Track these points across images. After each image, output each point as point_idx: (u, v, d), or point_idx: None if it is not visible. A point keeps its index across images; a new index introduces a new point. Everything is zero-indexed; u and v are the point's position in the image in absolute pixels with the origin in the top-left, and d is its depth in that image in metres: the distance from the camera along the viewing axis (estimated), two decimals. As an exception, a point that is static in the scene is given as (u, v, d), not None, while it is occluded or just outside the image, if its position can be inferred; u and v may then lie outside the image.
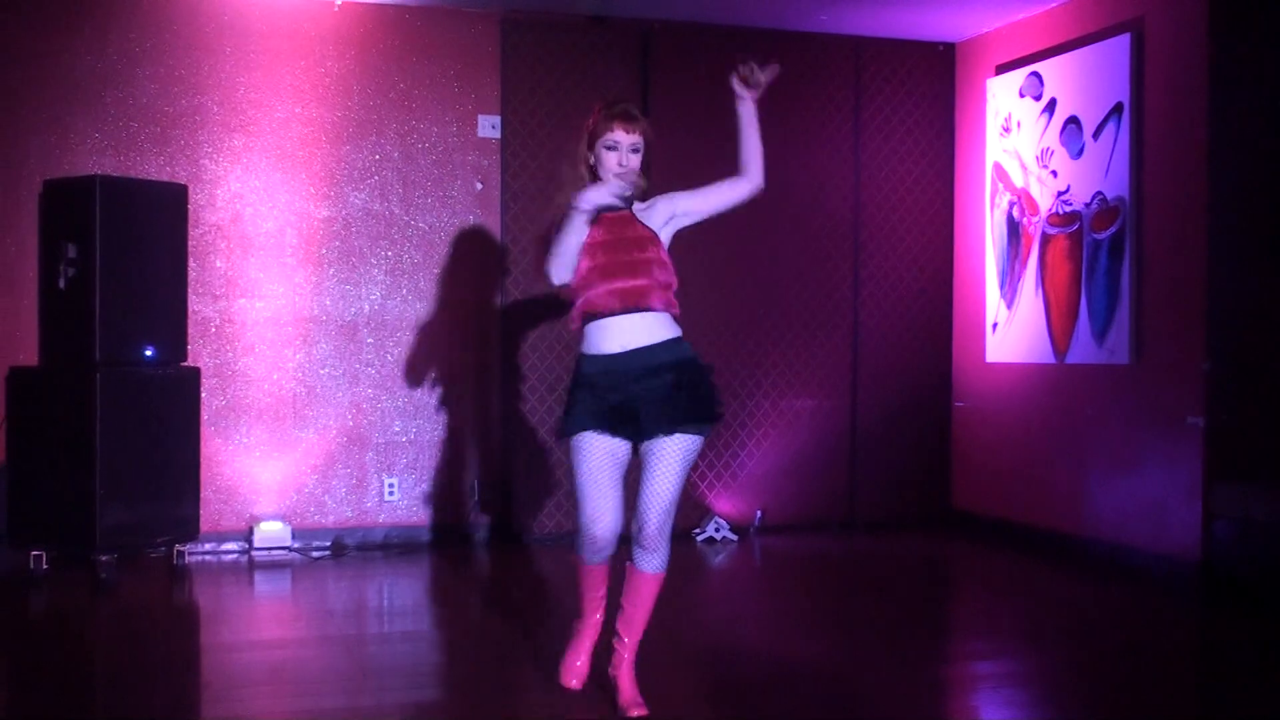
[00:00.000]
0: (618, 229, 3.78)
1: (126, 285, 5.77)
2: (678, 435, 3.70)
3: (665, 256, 3.79)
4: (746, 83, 3.85)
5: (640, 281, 3.72)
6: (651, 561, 3.78)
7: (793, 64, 7.29)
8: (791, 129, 7.26)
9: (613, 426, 3.72)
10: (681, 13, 6.92)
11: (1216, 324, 5.80)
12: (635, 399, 3.69)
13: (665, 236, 3.86)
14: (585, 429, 3.72)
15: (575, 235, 3.68)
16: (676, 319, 3.83)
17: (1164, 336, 6.05)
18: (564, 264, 3.70)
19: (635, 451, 3.80)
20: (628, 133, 3.75)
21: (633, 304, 3.72)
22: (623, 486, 3.79)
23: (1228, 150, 5.82)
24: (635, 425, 3.71)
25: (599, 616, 3.99)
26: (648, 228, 3.82)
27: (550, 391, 6.84)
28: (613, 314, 3.72)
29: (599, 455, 3.73)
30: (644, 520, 3.73)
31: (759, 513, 7.22)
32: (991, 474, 7.25)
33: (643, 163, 3.80)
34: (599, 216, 3.76)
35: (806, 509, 7.34)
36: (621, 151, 3.75)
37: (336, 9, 6.66)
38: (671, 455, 3.70)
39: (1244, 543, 5.59)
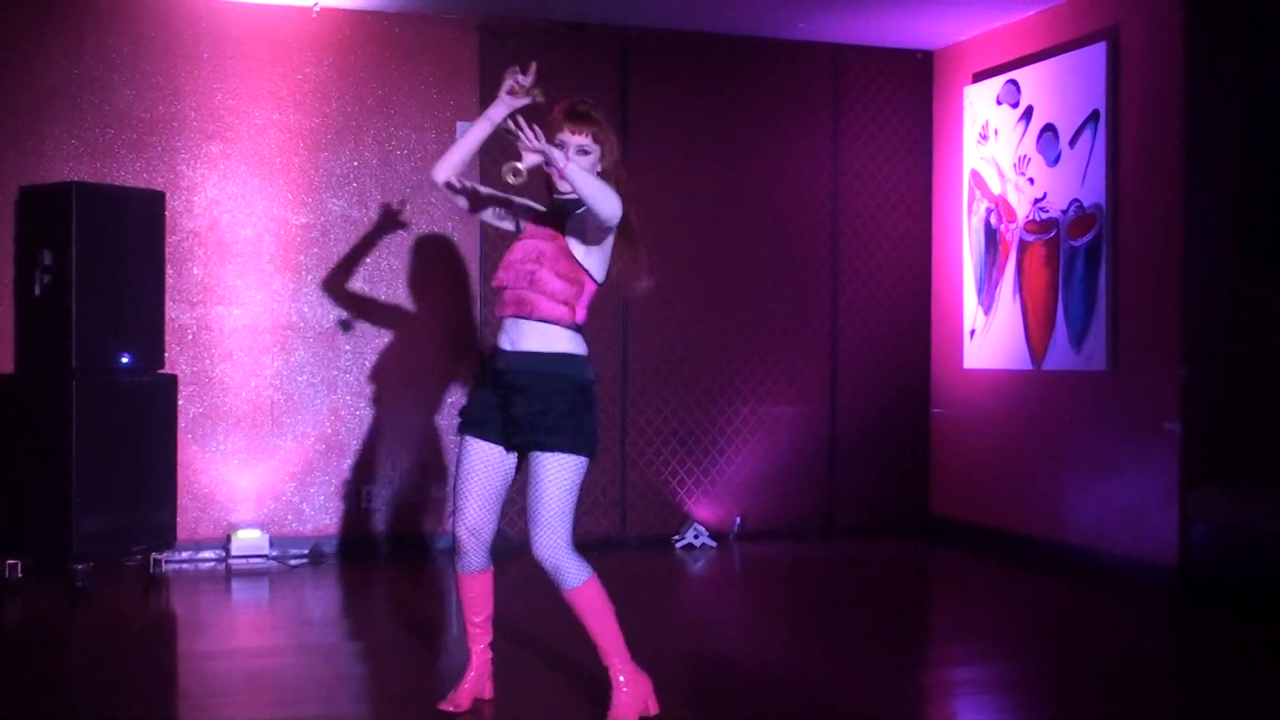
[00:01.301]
0: (535, 234, 3.74)
1: (103, 292, 5.74)
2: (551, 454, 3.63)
3: (566, 267, 3.64)
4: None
5: (525, 291, 3.65)
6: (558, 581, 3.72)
7: (771, 72, 7.32)
8: (770, 136, 7.28)
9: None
10: (660, 20, 6.93)
11: (1193, 330, 5.83)
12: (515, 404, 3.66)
13: (594, 244, 3.68)
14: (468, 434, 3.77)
15: (469, 143, 3.82)
16: (578, 329, 3.71)
17: (1140, 343, 6.09)
18: (445, 165, 3.84)
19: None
20: (574, 133, 3.65)
21: (523, 311, 3.66)
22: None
23: (1203, 158, 5.86)
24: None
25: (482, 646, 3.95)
26: (560, 237, 3.69)
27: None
28: (504, 317, 3.72)
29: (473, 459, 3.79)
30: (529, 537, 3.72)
31: (738, 519, 7.22)
32: (970, 480, 7.27)
33: (603, 166, 3.68)
34: (533, 214, 3.82)
35: (786, 515, 7.35)
36: (568, 150, 3.63)
37: (315, 15, 6.64)
38: (541, 472, 3.65)
39: (1220, 547, 5.62)
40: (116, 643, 4.92)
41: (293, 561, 6.51)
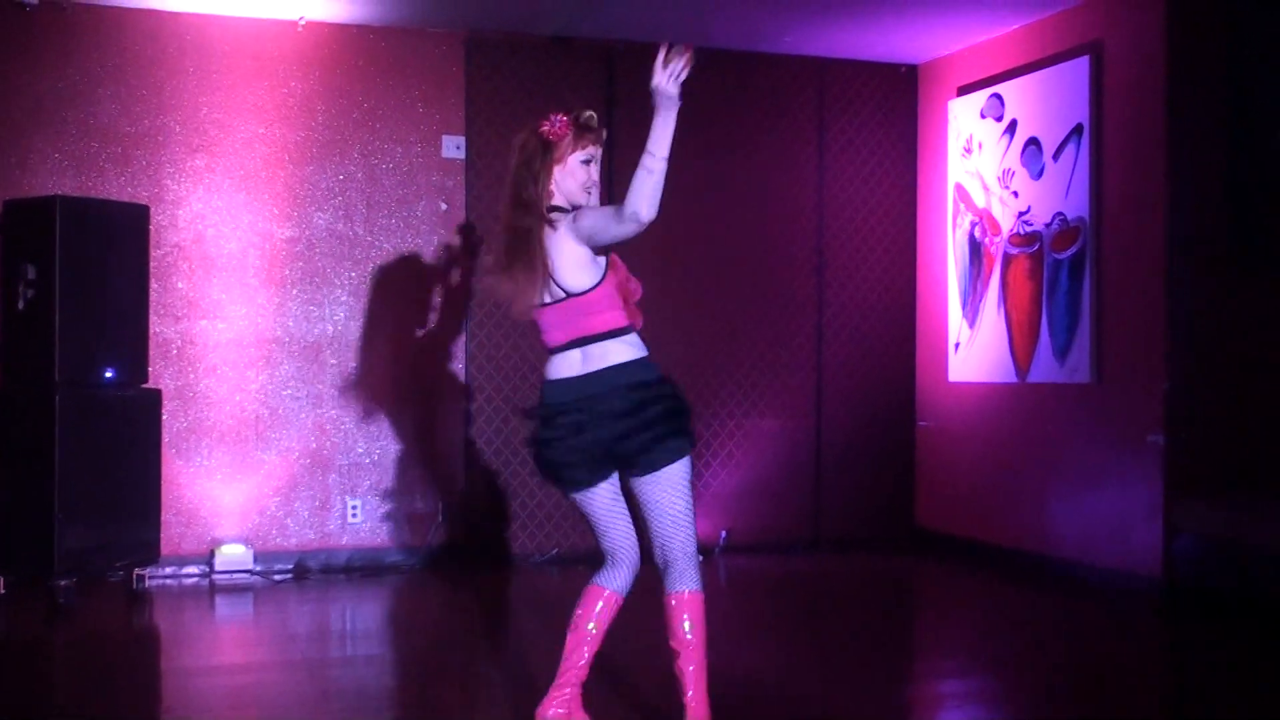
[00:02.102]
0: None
1: (87, 306, 5.72)
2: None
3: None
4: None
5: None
6: None
7: (757, 86, 7.34)
8: (755, 149, 7.29)
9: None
10: (646, 34, 6.94)
11: (1176, 343, 5.86)
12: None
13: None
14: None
15: (668, 146, 3.37)
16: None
17: (1124, 355, 6.11)
18: (655, 197, 3.31)
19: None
20: (598, 145, 3.57)
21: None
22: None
23: (1186, 171, 5.89)
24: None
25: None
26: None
27: (515, 413, 6.82)
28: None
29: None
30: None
31: (724, 533, 7.22)
32: (955, 493, 7.28)
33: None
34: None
35: (771, 529, 7.35)
36: (595, 165, 3.57)
37: (300, 29, 6.64)
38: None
39: (1205, 558, 5.63)
40: (99, 659, 4.89)
41: (277, 577, 6.48)
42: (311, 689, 4.43)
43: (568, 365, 3.51)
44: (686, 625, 3.44)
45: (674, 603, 3.47)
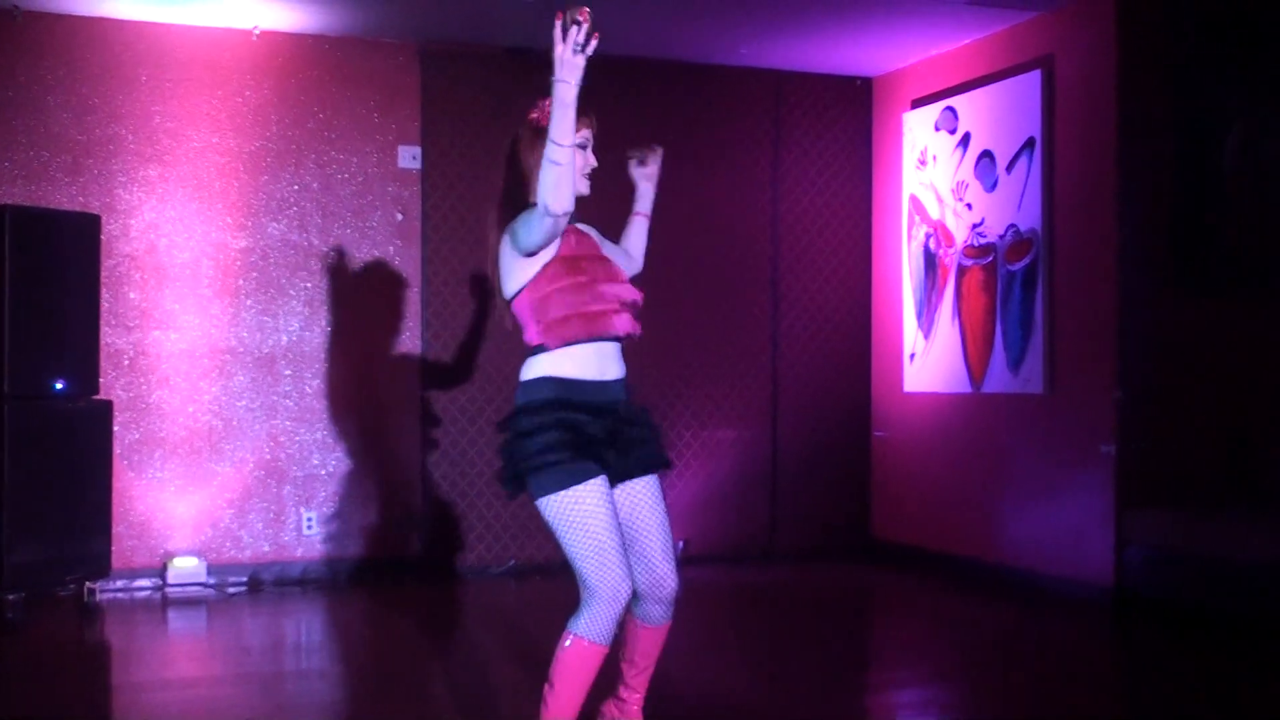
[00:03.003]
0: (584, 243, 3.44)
1: (36, 317, 5.65)
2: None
3: None
4: (644, 162, 3.66)
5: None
6: None
7: (713, 97, 7.37)
8: (711, 160, 7.32)
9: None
10: (602, 45, 6.94)
11: (1127, 354, 5.92)
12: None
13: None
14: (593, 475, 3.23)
15: (569, 132, 3.12)
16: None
17: (1076, 366, 6.17)
18: (566, 189, 3.10)
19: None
20: (590, 128, 3.40)
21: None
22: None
23: (1136, 184, 5.97)
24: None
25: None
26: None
27: (471, 424, 6.80)
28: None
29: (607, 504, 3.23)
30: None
31: (681, 544, 7.22)
32: (910, 503, 7.32)
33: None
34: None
35: (728, 540, 7.36)
36: (589, 149, 3.41)
37: (255, 38, 6.60)
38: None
39: (1155, 568, 5.70)
40: (49, 674, 4.83)
41: (231, 589, 6.42)
42: (265, 703, 4.39)
43: None
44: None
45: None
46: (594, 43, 3.15)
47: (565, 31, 3.14)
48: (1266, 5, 6.17)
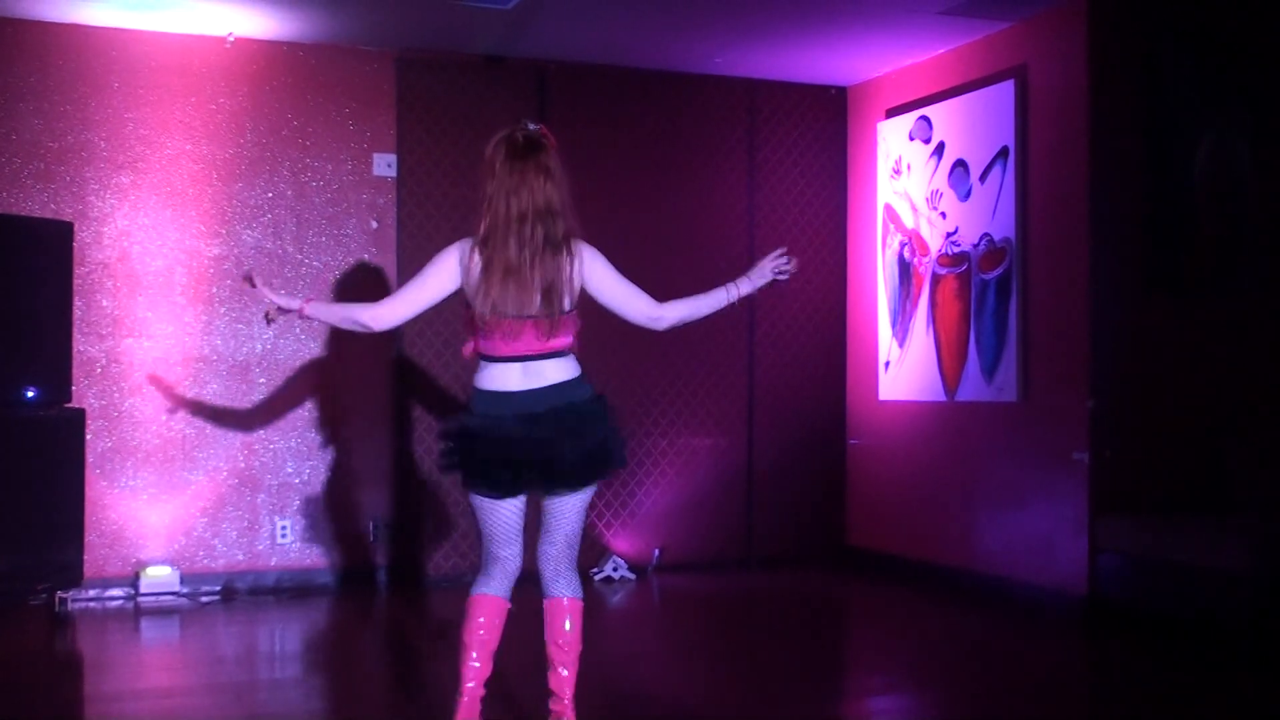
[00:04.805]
0: None
1: (7, 324, 5.62)
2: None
3: None
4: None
5: None
6: None
7: (687, 106, 7.38)
8: (685, 169, 7.33)
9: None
10: (578, 54, 6.96)
11: (1100, 362, 5.96)
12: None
13: None
14: None
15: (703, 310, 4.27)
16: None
17: (1050, 374, 6.20)
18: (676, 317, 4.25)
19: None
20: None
21: None
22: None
23: (1108, 193, 6.01)
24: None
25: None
26: None
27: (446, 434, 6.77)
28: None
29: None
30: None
31: (656, 551, 7.23)
32: (885, 510, 7.34)
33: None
34: None
35: (704, 547, 7.36)
36: None
37: (229, 45, 6.58)
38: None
39: (1128, 575, 5.73)
40: (19, 685, 4.79)
41: (204, 598, 6.39)
42: (238, 713, 4.37)
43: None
44: (568, 625, 3.65)
45: (565, 603, 3.68)
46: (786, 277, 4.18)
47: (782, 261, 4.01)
48: (1236, 13, 6.23)
